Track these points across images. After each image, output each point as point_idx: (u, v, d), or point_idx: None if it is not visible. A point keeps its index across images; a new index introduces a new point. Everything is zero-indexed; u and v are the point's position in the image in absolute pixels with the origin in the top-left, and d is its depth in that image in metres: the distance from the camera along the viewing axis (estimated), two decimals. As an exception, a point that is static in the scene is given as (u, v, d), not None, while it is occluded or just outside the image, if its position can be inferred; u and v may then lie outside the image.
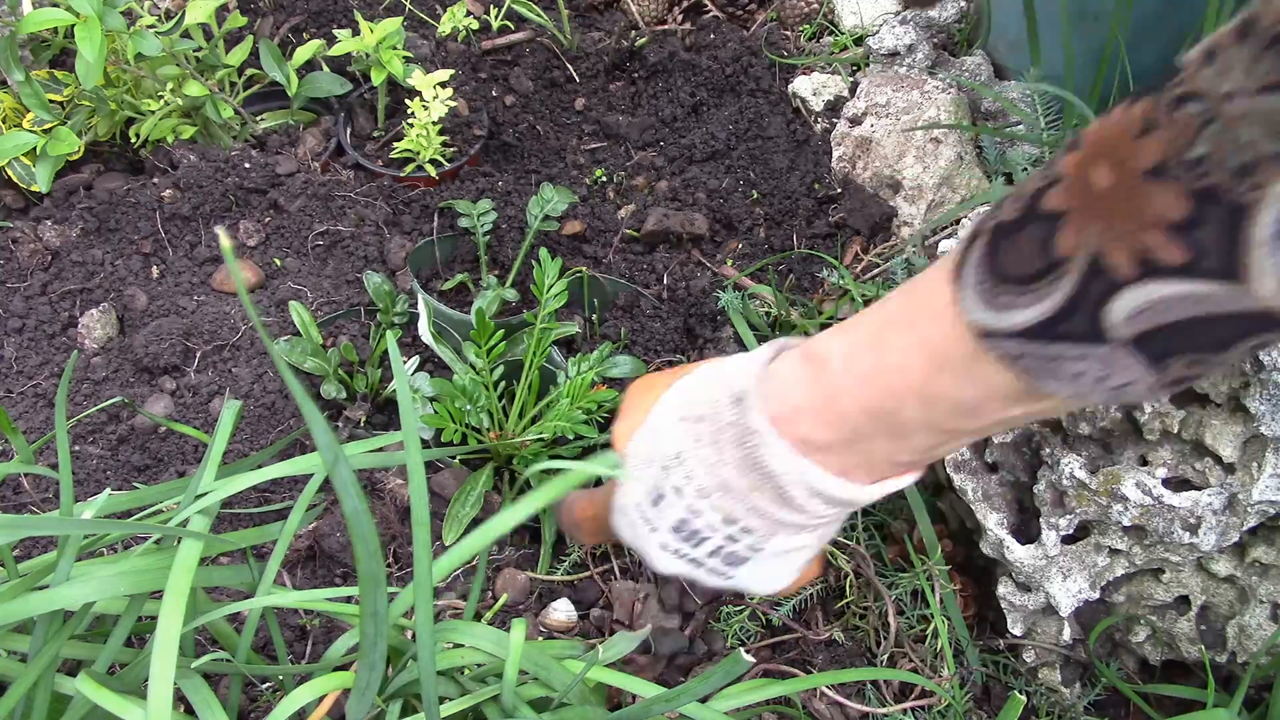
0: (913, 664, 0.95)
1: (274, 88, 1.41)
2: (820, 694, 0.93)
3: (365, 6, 1.55)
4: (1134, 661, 0.98)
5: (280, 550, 0.76)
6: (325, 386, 1.11)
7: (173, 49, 1.26)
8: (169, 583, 0.64)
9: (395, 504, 1.05)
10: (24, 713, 0.69)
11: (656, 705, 0.71)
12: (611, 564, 1.04)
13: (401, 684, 0.73)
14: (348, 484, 0.56)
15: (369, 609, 0.61)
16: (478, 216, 1.30)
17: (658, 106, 1.49)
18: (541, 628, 0.98)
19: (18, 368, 1.14)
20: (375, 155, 1.40)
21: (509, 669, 0.69)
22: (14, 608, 0.65)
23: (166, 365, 1.13)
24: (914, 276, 0.64)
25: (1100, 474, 0.86)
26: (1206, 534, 0.82)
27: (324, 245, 1.26)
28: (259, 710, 0.88)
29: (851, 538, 1.02)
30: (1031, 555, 0.89)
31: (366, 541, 0.58)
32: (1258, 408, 0.78)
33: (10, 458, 1.06)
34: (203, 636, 0.92)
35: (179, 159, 1.28)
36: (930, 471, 1.05)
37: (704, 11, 1.61)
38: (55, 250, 1.23)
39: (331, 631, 0.95)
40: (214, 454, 0.76)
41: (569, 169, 1.45)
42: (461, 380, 1.06)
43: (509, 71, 1.50)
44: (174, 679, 0.60)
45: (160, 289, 1.21)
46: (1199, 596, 0.90)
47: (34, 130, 1.24)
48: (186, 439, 1.08)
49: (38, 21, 1.13)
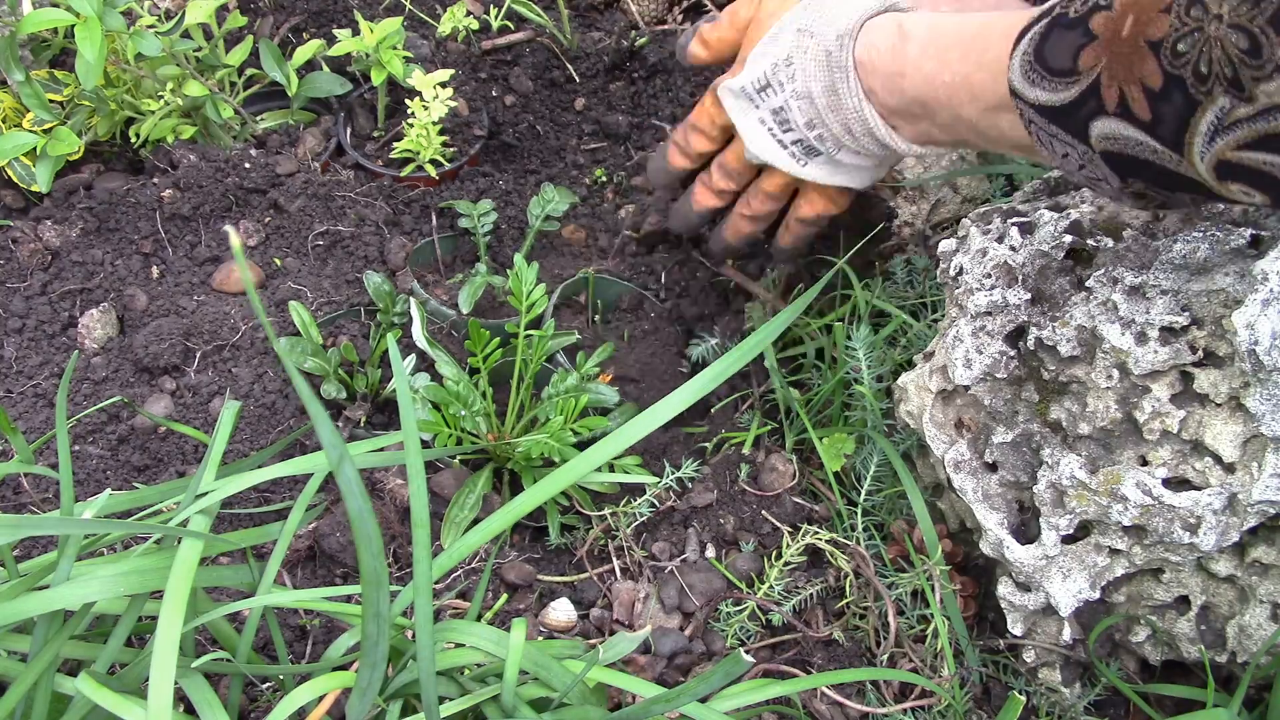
0: (913, 664, 0.95)
1: (274, 88, 1.41)
2: (820, 694, 0.93)
3: (365, 6, 1.55)
4: (1134, 661, 0.98)
5: (280, 550, 0.76)
6: (325, 386, 1.11)
7: (173, 49, 1.26)
8: (169, 583, 0.64)
9: (395, 504, 1.05)
10: (24, 713, 0.69)
11: (656, 705, 0.71)
12: (612, 564, 1.04)
13: (401, 684, 0.73)
14: (353, 484, 0.56)
15: (371, 609, 0.61)
16: (478, 217, 1.30)
17: (657, 106, 1.49)
18: (541, 628, 0.98)
19: (18, 368, 1.14)
20: (375, 155, 1.40)
21: (509, 669, 0.69)
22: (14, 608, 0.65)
23: (166, 365, 1.13)
24: (997, 15, 0.82)
25: (1100, 474, 0.86)
26: (1206, 534, 0.82)
27: (324, 245, 1.26)
28: (259, 710, 0.88)
29: (851, 538, 1.02)
30: (1031, 555, 0.89)
31: (370, 542, 0.58)
32: (1258, 408, 0.78)
33: (10, 458, 1.06)
34: (203, 636, 0.92)
35: (179, 159, 1.28)
36: (930, 471, 1.05)
37: (704, 11, 1.61)
38: (55, 250, 1.22)
39: (331, 631, 0.95)
40: (214, 454, 0.77)
41: (569, 169, 1.45)
42: (455, 385, 1.06)
43: (509, 71, 1.50)
44: (174, 679, 0.60)
45: (160, 289, 1.21)
46: (1199, 596, 0.90)
47: (34, 130, 1.24)
48: (186, 439, 1.08)
49: (38, 21, 1.13)
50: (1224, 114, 0.62)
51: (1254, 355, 0.76)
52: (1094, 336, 0.87)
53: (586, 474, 0.69)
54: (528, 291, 1.11)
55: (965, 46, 0.83)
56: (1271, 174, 0.62)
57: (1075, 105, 0.71)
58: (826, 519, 1.06)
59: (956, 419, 0.98)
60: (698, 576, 1.01)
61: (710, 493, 1.07)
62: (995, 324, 0.92)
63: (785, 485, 1.08)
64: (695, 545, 1.04)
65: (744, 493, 1.08)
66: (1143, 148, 0.68)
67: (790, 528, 1.04)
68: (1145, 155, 0.69)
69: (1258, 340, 0.76)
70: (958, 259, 0.97)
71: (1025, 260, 0.92)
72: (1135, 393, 0.85)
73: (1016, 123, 0.78)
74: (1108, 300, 0.85)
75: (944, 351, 0.95)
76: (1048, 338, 0.88)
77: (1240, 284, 0.80)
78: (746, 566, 1.02)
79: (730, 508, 1.07)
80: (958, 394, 0.98)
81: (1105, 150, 0.71)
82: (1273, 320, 0.76)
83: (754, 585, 1.01)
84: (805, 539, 1.00)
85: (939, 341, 0.99)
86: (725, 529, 1.05)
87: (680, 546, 1.05)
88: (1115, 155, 0.71)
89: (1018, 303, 0.91)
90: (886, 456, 1.02)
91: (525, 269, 1.12)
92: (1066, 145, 0.74)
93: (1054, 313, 0.90)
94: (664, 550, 1.04)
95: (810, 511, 1.07)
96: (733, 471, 1.10)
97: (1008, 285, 0.93)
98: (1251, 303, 0.77)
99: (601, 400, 1.06)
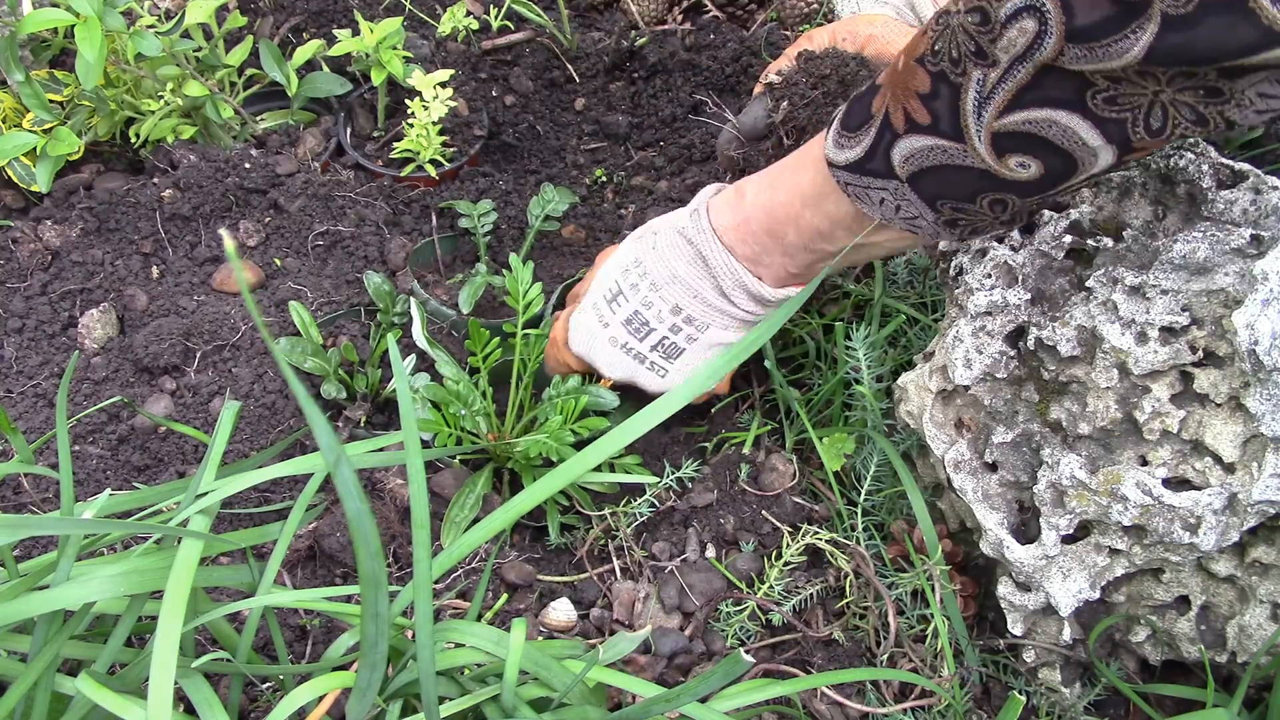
0: (913, 664, 0.95)
1: (274, 88, 1.41)
2: (820, 694, 0.93)
3: (365, 6, 1.55)
4: (1134, 661, 0.98)
5: (280, 550, 0.76)
6: (325, 386, 1.11)
7: (173, 49, 1.26)
8: (169, 583, 0.64)
9: (395, 504, 1.05)
10: (24, 713, 0.69)
11: (656, 705, 0.71)
12: (612, 564, 1.04)
13: (401, 684, 0.73)
14: (350, 485, 0.56)
15: (370, 610, 0.61)
16: (478, 217, 1.30)
17: (658, 106, 1.49)
18: (541, 628, 0.98)
19: (18, 368, 1.14)
20: (375, 155, 1.40)
21: (509, 669, 0.69)
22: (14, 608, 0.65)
23: (166, 365, 1.13)
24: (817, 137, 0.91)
25: (1100, 474, 0.86)
26: (1206, 534, 0.82)
27: (324, 245, 1.26)
28: (259, 710, 0.88)
29: (851, 538, 1.02)
30: (1031, 555, 0.89)
31: (368, 543, 0.58)
32: (1258, 408, 0.78)
33: (10, 458, 1.06)
34: (203, 636, 0.92)
35: (179, 159, 1.28)
36: (930, 471, 1.05)
37: (704, 11, 1.61)
38: (55, 250, 1.22)
39: (331, 631, 0.95)
40: (214, 454, 0.77)
41: (569, 169, 1.45)
42: (455, 385, 1.07)
43: (509, 71, 1.50)
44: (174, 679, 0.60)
45: (160, 289, 1.21)
46: (1199, 596, 0.90)
47: (34, 130, 1.24)
48: (186, 439, 1.08)
49: (38, 21, 1.13)
50: (981, 86, 0.70)
51: (1254, 355, 0.76)
52: (1094, 336, 0.87)
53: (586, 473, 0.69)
54: (524, 291, 1.11)
55: (791, 164, 0.93)
56: (1036, 134, 0.70)
57: (875, 143, 0.79)
58: (826, 519, 1.06)
59: (956, 419, 0.98)
60: (698, 576, 1.01)
61: (710, 493, 1.07)
62: (995, 324, 0.92)
63: (785, 485, 1.08)
64: (695, 545, 1.04)
65: (744, 493, 1.08)
66: (935, 151, 0.76)
67: (790, 528, 1.04)
68: (939, 160, 0.76)
69: (1258, 340, 0.76)
70: (958, 259, 0.97)
71: (1025, 260, 0.92)
72: (1135, 393, 0.85)
73: (841, 198, 0.86)
74: (1108, 300, 0.85)
75: (944, 351, 0.95)
76: (1048, 338, 0.88)
77: (1240, 284, 0.80)
78: (746, 566, 1.02)
79: (730, 508, 1.07)
80: (958, 394, 0.98)
81: (910, 174, 0.79)
82: (1273, 320, 0.76)
83: (754, 585, 1.01)
84: (805, 539, 1.00)
85: (939, 341, 0.99)
86: (725, 529, 1.05)
87: (680, 546, 1.05)
88: (919, 176, 0.78)
89: (1018, 303, 0.91)
90: (886, 456, 1.02)
91: (521, 269, 1.12)
92: (880, 190, 0.82)
93: (1054, 313, 0.90)
94: (664, 550, 1.04)
95: (810, 511, 1.07)
96: (733, 471, 1.10)
97: (1008, 285, 0.93)
98: (1251, 303, 0.77)
99: (600, 403, 1.06)
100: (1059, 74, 0.67)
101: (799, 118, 1.08)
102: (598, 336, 1.05)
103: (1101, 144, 0.69)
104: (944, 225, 0.83)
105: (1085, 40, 0.63)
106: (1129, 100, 0.66)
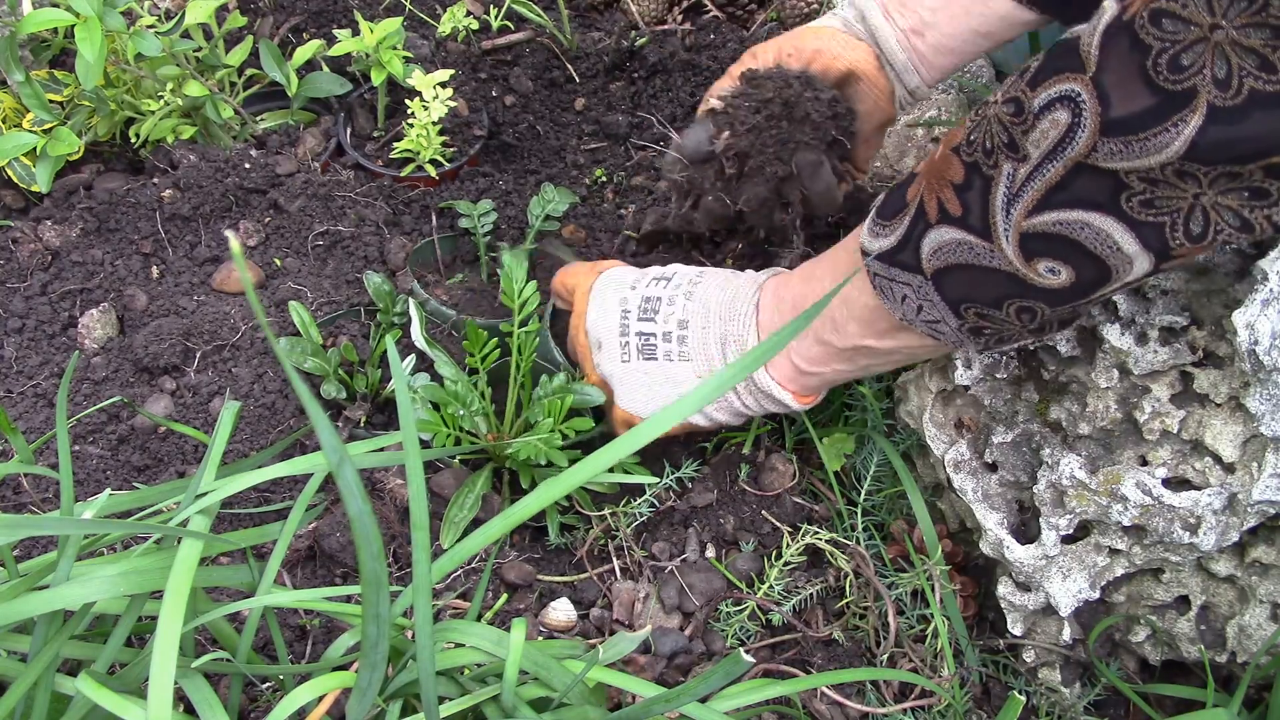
0: (913, 664, 0.95)
1: (274, 88, 1.41)
2: (820, 694, 0.93)
3: (365, 6, 1.55)
4: (1134, 661, 0.98)
5: (280, 550, 0.76)
6: (325, 386, 1.11)
7: (173, 49, 1.26)
8: (169, 583, 0.64)
9: (395, 504, 1.05)
10: (24, 713, 0.69)
11: (656, 705, 0.71)
12: (612, 564, 1.04)
13: (401, 684, 0.73)
14: (352, 486, 0.56)
15: (371, 611, 0.61)
16: (478, 217, 1.30)
17: (658, 106, 1.49)
18: (541, 628, 0.98)
19: (18, 368, 1.14)
20: (375, 155, 1.40)
21: (509, 669, 0.69)
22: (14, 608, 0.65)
23: (166, 365, 1.13)
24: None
25: (1100, 474, 0.86)
26: (1206, 534, 0.82)
27: (324, 245, 1.26)
28: (259, 710, 0.88)
29: (851, 538, 1.02)
30: (1031, 555, 0.89)
31: (370, 544, 0.58)
32: (1258, 408, 0.78)
33: (10, 458, 1.06)
34: (203, 636, 0.92)
35: (179, 159, 1.28)
36: (930, 471, 1.05)
37: (704, 11, 1.61)
38: (55, 250, 1.22)
39: (331, 631, 0.95)
40: (214, 454, 0.76)
41: (569, 169, 1.45)
42: (454, 386, 1.06)
43: (509, 71, 1.50)
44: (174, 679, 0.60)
45: (160, 289, 1.21)
46: (1199, 596, 0.90)
47: (34, 130, 1.24)
48: (186, 439, 1.08)
49: (38, 21, 1.13)
50: (1011, 180, 0.67)
51: (1254, 355, 0.76)
52: (1094, 336, 0.87)
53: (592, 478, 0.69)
54: (519, 289, 1.11)
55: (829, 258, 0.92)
56: (1067, 237, 0.66)
57: (907, 234, 0.77)
58: (826, 519, 1.06)
59: (956, 419, 0.98)
60: (698, 576, 1.01)
61: (710, 493, 1.07)
62: (995, 324, 0.92)
63: (785, 485, 1.08)
64: (695, 545, 1.04)
65: (744, 493, 1.08)
66: (963, 248, 0.72)
67: (790, 528, 1.04)
68: (966, 258, 0.73)
69: (1258, 340, 0.76)
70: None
71: (1025, 260, 0.92)
72: (1135, 393, 0.85)
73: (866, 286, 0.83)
74: (1108, 300, 0.85)
75: (944, 351, 0.95)
76: (1047, 338, 0.88)
77: (1240, 284, 0.80)
78: (746, 566, 1.02)
79: (730, 508, 1.07)
80: (958, 394, 0.98)
81: (935, 270, 0.75)
82: (1273, 320, 0.76)
83: (754, 585, 1.01)
84: (805, 539, 1.00)
85: (939, 341, 0.99)
86: (725, 529, 1.05)
87: (680, 546, 1.05)
88: (944, 274, 0.75)
89: (1018, 303, 0.91)
90: (886, 456, 1.02)
91: (515, 267, 1.12)
92: (904, 286, 0.79)
93: (1054, 313, 0.90)
94: (664, 550, 1.04)
95: (810, 511, 1.07)
96: (733, 471, 1.10)
97: (1008, 285, 0.92)
98: (1251, 303, 0.77)
99: (587, 400, 1.05)
100: (1091, 172, 0.63)
101: (740, 145, 1.04)
102: (615, 290, 1.07)
103: (1138, 250, 0.65)
104: (968, 333, 0.79)
105: (1122, 133, 0.60)
106: (1167, 204, 0.62)
